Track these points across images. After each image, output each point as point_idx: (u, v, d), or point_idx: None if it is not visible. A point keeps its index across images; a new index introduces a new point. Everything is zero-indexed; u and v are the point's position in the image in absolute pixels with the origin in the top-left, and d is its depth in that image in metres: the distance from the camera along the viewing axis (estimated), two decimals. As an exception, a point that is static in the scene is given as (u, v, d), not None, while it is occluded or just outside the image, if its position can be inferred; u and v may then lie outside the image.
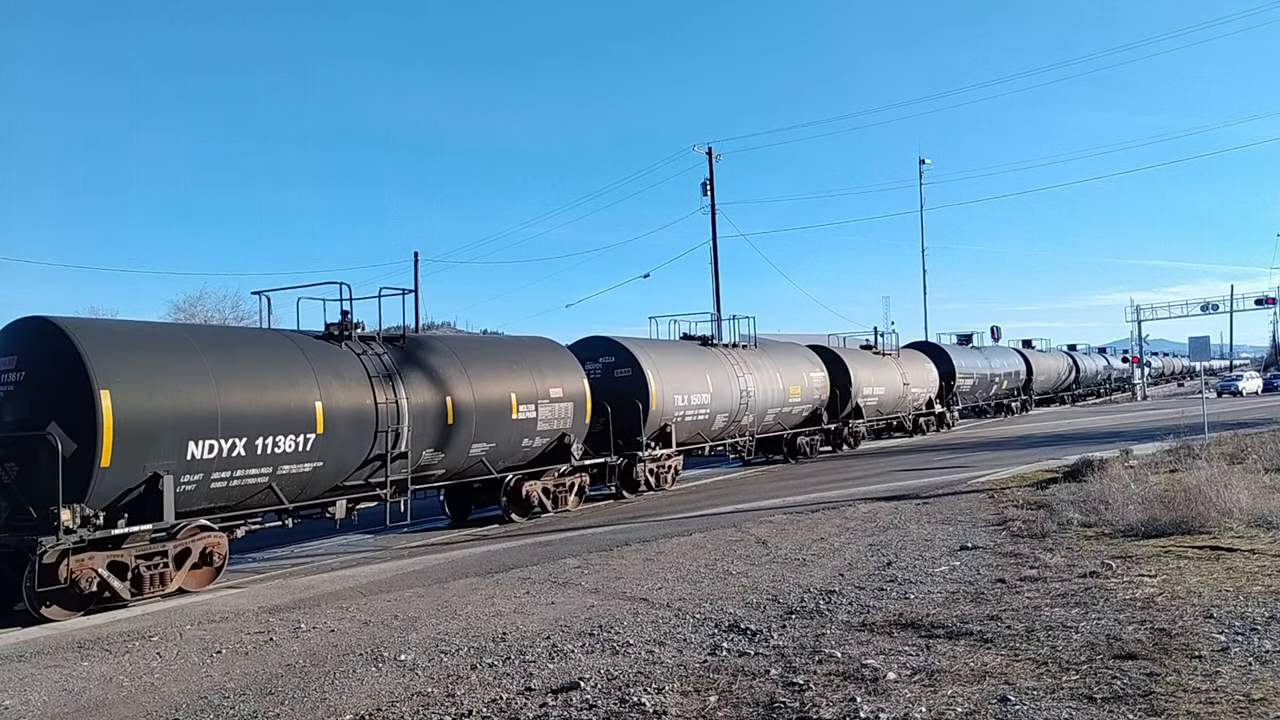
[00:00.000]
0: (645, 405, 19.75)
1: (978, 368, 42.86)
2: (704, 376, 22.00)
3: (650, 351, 20.79)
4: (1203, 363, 29.11)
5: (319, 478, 12.96)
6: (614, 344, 20.58)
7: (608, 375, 20.03)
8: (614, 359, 20.28)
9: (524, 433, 16.60)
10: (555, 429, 17.30)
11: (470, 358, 16.16)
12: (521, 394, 16.53)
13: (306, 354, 13.17)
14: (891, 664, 6.54)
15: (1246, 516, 11.45)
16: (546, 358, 17.95)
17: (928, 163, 60.70)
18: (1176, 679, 5.89)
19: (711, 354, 23.38)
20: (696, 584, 9.85)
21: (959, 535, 11.97)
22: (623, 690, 6.36)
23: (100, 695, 7.17)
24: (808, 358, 28.22)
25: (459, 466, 15.66)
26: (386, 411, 13.74)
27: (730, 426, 23.34)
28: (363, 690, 6.82)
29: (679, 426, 20.95)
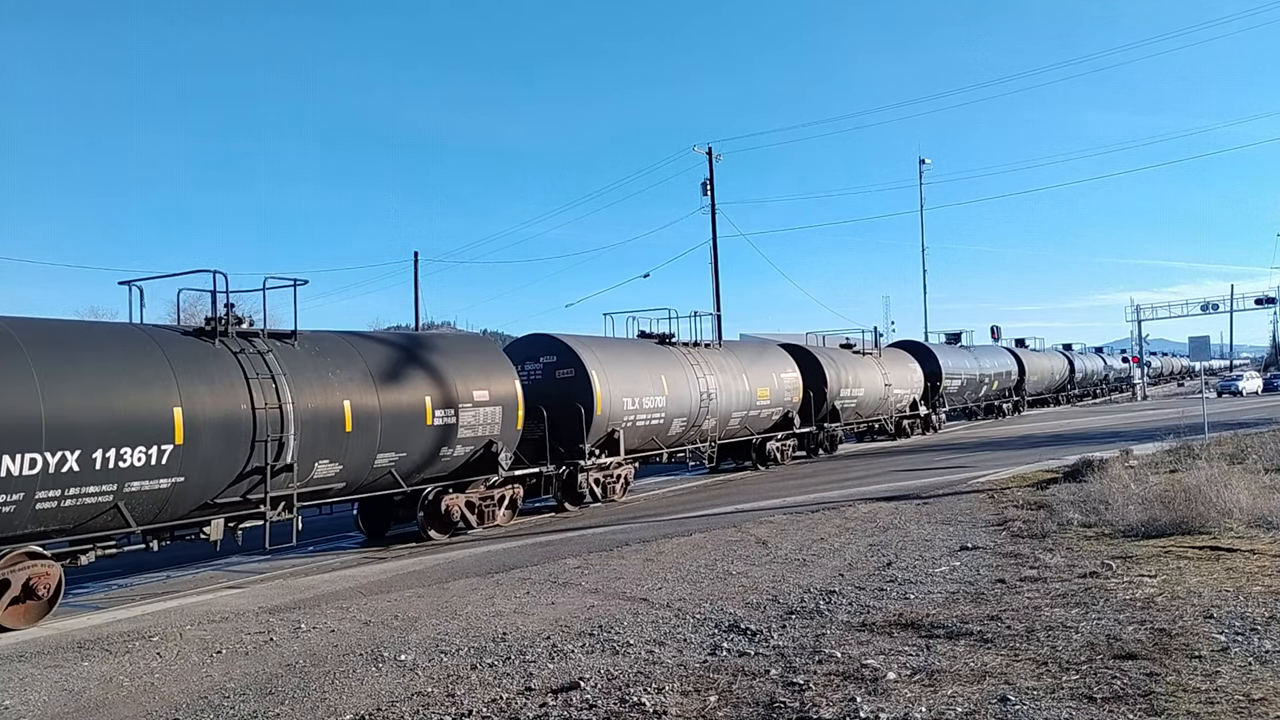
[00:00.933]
0: (589, 409, 18.04)
1: (966, 368, 41.39)
2: (659, 377, 20.34)
3: (597, 350, 19.16)
4: (1203, 362, 29.09)
5: (182, 495, 11.35)
6: (556, 342, 18.94)
7: (549, 376, 18.47)
8: (556, 358, 18.63)
9: (442, 441, 14.87)
10: (480, 436, 15.58)
11: (378, 357, 14.43)
12: (439, 398, 14.80)
13: (167, 353, 11.47)
14: (891, 664, 6.54)
15: (1246, 516, 11.45)
16: (471, 357, 16.23)
17: (928, 163, 60.72)
18: (1176, 679, 5.89)
19: (669, 353, 21.65)
20: (696, 584, 9.85)
21: (959, 535, 11.97)
22: (623, 690, 6.36)
23: (100, 695, 7.17)
24: (779, 358, 26.51)
25: (363, 479, 13.84)
26: (267, 418, 12.09)
27: (690, 431, 21.70)
28: (363, 690, 6.82)
29: (629, 432, 19.30)
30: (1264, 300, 72.77)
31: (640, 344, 21.97)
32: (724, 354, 23.87)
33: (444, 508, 15.22)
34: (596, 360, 18.66)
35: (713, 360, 22.91)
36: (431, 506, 15.13)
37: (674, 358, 21.56)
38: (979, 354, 44.42)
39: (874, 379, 31.91)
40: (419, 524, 15.11)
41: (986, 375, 43.72)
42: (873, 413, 32.56)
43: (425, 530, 15.08)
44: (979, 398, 43.82)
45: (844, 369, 29.78)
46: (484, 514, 16.01)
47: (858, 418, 31.66)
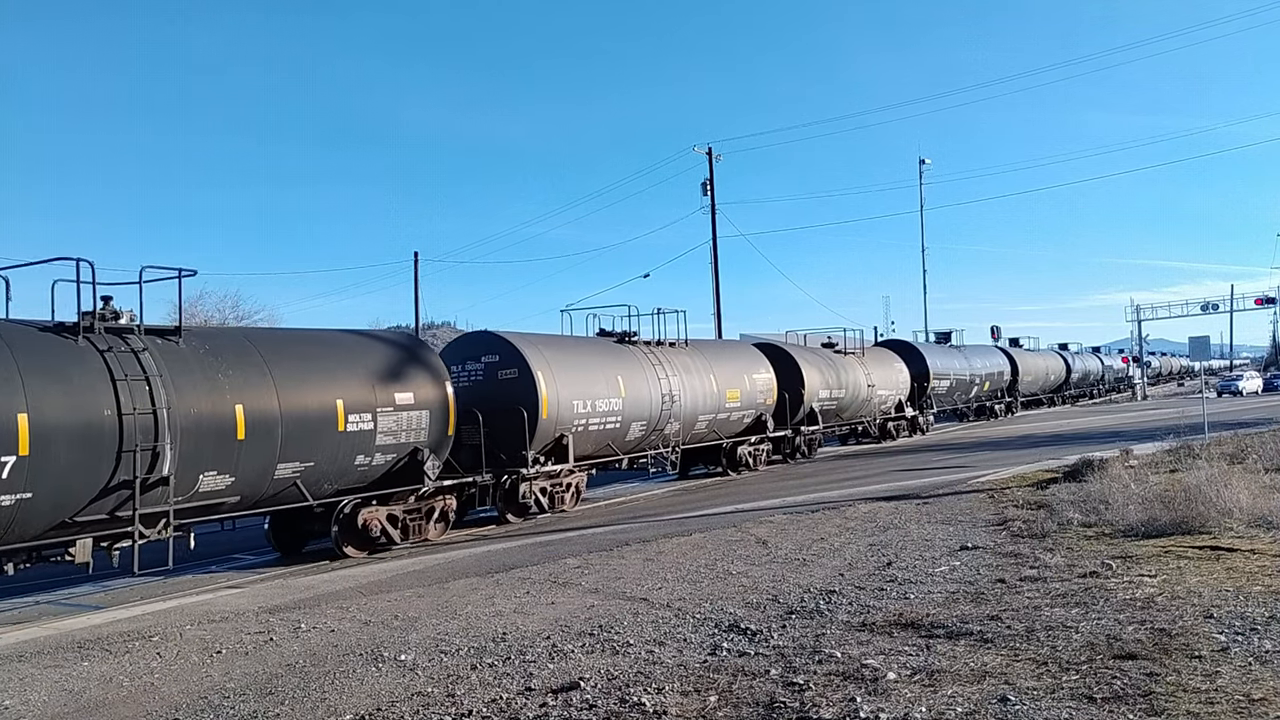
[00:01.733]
0: (533, 412, 16.64)
1: (955, 368, 39.89)
2: (614, 379, 18.84)
3: (544, 349, 17.74)
4: (1203, 362, 29.07)
5: (30, 513, 9.99)
6: (498, 340, 17.57)
7: (490, 377, 17.14)
8: (498, 358, 17.24)
9: (357, 448, 13.36)
10: (404, 443, 14.07)
11: (280, 356, 12.91)
12: (353, 401, 13.30)
13: (14, 351, 10.18)
14: (891, 664, 6.54)
15: (1246, 516, 11.46)
16: (394, 356, 14.65)
17: (928, 163, 60.71)
18: (1176, 679, 5.89)
19: (627, 353, 20.19)
20: (696, 584, 9.85)
21: (959, 535, 11.98)
22: (623, 690, 6.36)
23: (100, 695, 7.17)
24: (751, 357, 25.12)
25: (261, 492, 12.38)
26: (136, 425, 10.73)
27: (651, 436, 20.16)
28: (363, 690, 6.82)
29: (579, 437, 17.80)
30: (1264, 300, 72.76)
31: (596, 342, 20.56)
32: (690, 353, 22.45)
33: (361, 522, 13.72)
34: (543, 359, 17.33)
35: (677, 360, 21.50)
36: (348, 521, 13.60)
37: (633, 357, 20.15)
38: (969, 354, 43.11)
39: (856, 380, 30.48)
40: (333, 540, 13.58)
41: (977, 376, 42.39)
42: (855, 415, 31.20)
43: (340, 547, 13.58)
44: (969, 399, 42.57)
45: (823, 369, 28.46)
46: (410, 528, 14.50)
47: (838, 420, 30.27)
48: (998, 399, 45.99)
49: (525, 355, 17.07)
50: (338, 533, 13.56)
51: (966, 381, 41.04)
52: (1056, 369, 56.57)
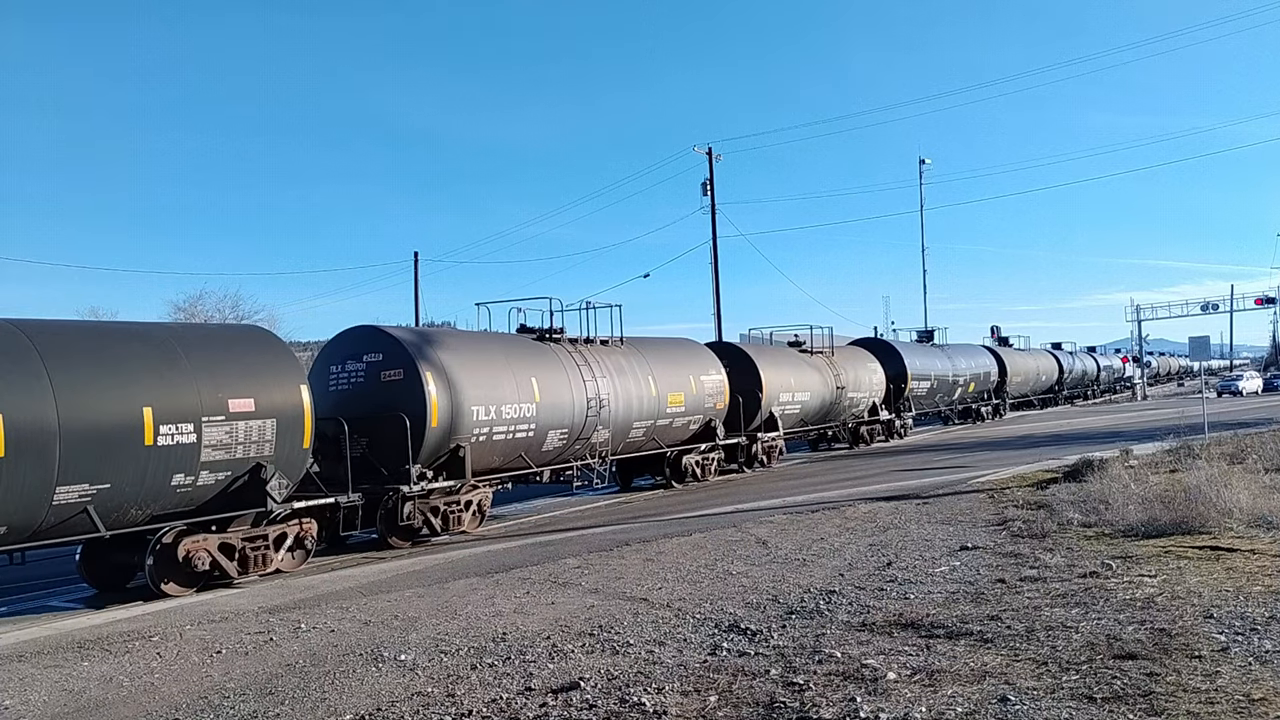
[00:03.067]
0: (419, 420, 14.44)
1: (936, 368, 37.64)
2: (527, 381, 16.67)
3: (438, 347, 15.62)
4: (1202, 362, 29.06)
5: None
6: (382, 336, 15.32)
7: (372, 379, 14.93)
8: (381, 356, 14.98)
9: (174, 466, 11.14)
10: (241, 458, 11.79)
11: (64, 353, 10.70)
12: (167, 408, 11.12)
13: None
14: (891, 664, 6.55)
15: (1246, 516, 11.46)
16: (230, 354, 12.30)
17: (928, 163, 60.56)
18: (1176, 679, 5.89)
19: (547, 353, 17.95)
20: (696, 584, 9.85)
21: (959, 535, 11.98)
22: (623, 690, 6.36)
23: (100, 695, 7.17)
24: (699, 357, 22.98)
25: (36, 523, 10.24)
26: None
27: (575, 446, 17.94)
28: (363, 690, 6.82)
29: (481, 448, 15.62)
30: (1264, 300, 72.81)
31: (507, 340, 18.15)
32: (626, 353, 20.20)
33: (184, 553, 11.37)
34: (435, 359, 15.13)
35: (608, 360, 19.28)
36: (166, 552, 11.29)
37: (553, 357, 17.91)
38: (953, 353, 40.92)
39: (823, 381, 28.26)
40: (148, 575, 11.27)
41: (961, 376, 40.08)
42: (822, 419, 29.01)
43: (156, 583, 11.25)
44: (952, 400, 40.42)
45: (785, 370, 26.39)
46: (251, 559, 12.12)
47: (802, 425, 28.08)
48: (984, 401, 44.04)
49: (412, 354, 14.86)
50: (153, 567, 11.23)
51: (949, 382, 38.91)
52: (1048, 369, 54.67)
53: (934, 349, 39.84)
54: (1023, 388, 49.73)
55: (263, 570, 12.30)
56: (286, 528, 12.61)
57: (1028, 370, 50.17)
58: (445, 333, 17.24)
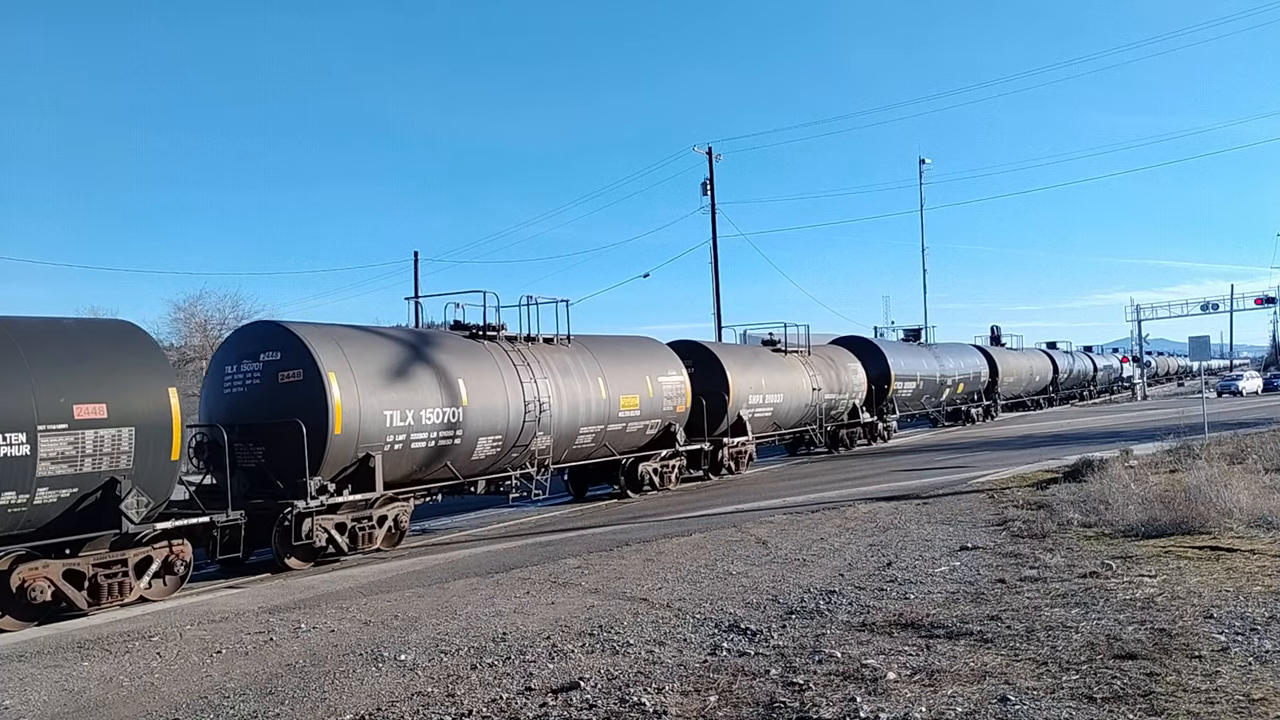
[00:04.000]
0: (319, 426, 12.84)
1: (923, 368, 35.92)
2: (454, 383, 15.15)
3: (345, 345, 13.91)
4: (1202, 362, 29.05)
5: None
6: (282, 333, 13.60)
7: (269, 381, 13.31)
8: (279, 355, 13.37)
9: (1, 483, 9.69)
10: (90, 473, 10.36)
11: None
12: None
13: None
14: (891, 664, 6.55)
15: (1246, 516, 11.46)
16: (75, 353, 10.71)
17: (928, 162, 60.38)
18: (1176, 679, 5.90)
19: (479, 351, 16.36)
20: (696, 584, 9.85)
21: (959, 535, 11.98)
22: (623, 690, 6.36)
23: (100, 695, 7.17)
24: (658, 357, 21.27)
25: None
26: None
27: (511, 453, 16.40)
28: (363, 690, 6.83)
29: (395, 457, 14.05)
30: (1264, 300, 72.83)
31: (432, 337, 16.50)
32: (573, 352, 18.63)
33: (18, 583, 10.02)
34: (340, 358, 13.50)
35: (552, 360, 17.77)
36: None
37: (486, 356, 16.31)
38: (941, 353, 39.26)
39: (798, 382, 26.70)
40: None
41: (949, 377, 38.34)
42: (797, 422, 27.34)
43: None
44: (940, 402, 38.66)
45: (755, 370, 24.85)
46: (105, 587, 10.72)
47: (775, 429, 26.31)
48: (974, 402, 42.32)
49: (313, 352, 13.21)
50: None
51: (936, 383, 37.17)
52: (1042, 369, 52.90)
53: (921, 348, 38.35)
54: (1015, 388, 48.38)
55: (121, 600, 10.90)
56: (152, 551, 11.15)
57: (1020, 370, 48.67)
58: (356, 329, 15.49)
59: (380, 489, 13.72)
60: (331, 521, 13.24)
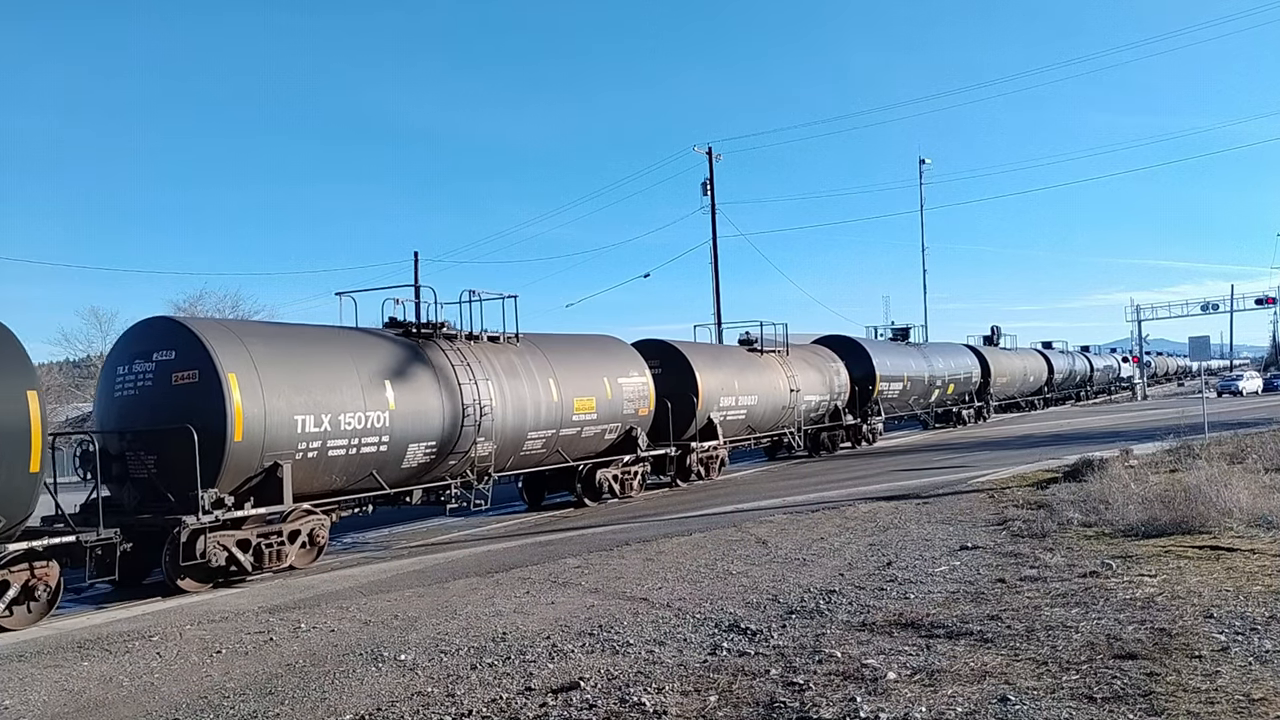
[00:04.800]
0: (216, 432, 11.68)
1: (911, 369, 34.71)
2: (379, 385, 13.88)
3: (250, 343, 12.66)
4: (1202, 362, 29.03)
5: None
6: (177, 330, 12.44)
7: (164, 383, 12.08)
8: (173, 355, 12.14)
9: None
10: None
11: None
12: None
13: None
14: (891, 664, 6.54)
15: (1246, 516, 11.46)
16: None
17: (928, 162, 60.43)
18: (1176, 679, 5.89)
19: (413, 350, 15.14)
20: (696, 584, 9.85)
21: (959, 535, 11.98)
22: (623, 690, 6.36)
23: (100, 695, 7.17)
24: (618, 357, 20.03)
25: None
26: None
27: (448, 461, 15.16)
28: (363, 690, 6.82)
29: (312, 466, 12.87)
30: (1264, 300, 72.82)
31: (354, 335, 14.89)
32: (521, 351, 17.43)
33: None
34: (243, 357, 12.30)
35: (497, 359, 16.65)
36: None
37: (418, 356, 15.08)
38: (930, 352, 38.09)
39: (774, 383, 25.50)
40: None
41: (938, 377, 37.21)
42: (774, 425, 26.18)
43: None
44: (929, 403, 37.65)
45: (727, 371, 23.64)
46: None
47: (750, 432, 25.21)
48: (965, 403, 41.22)
49: (210, 351, 11.99)
50: None
51: (924, 384, 36.01)
52: (1037, 369, 51.93)
53: (908, 348, 37.01)
54: (1009, 389, 47.39)
55: None
56: (10, 575, 9.92)
57: (1014, 371, 47.68)
58: (268, 325, 14.36)
59: (289, 502, 12.51)
60: (233, 538, 11.93)
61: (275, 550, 12.51)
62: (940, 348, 40.71)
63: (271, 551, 12.47)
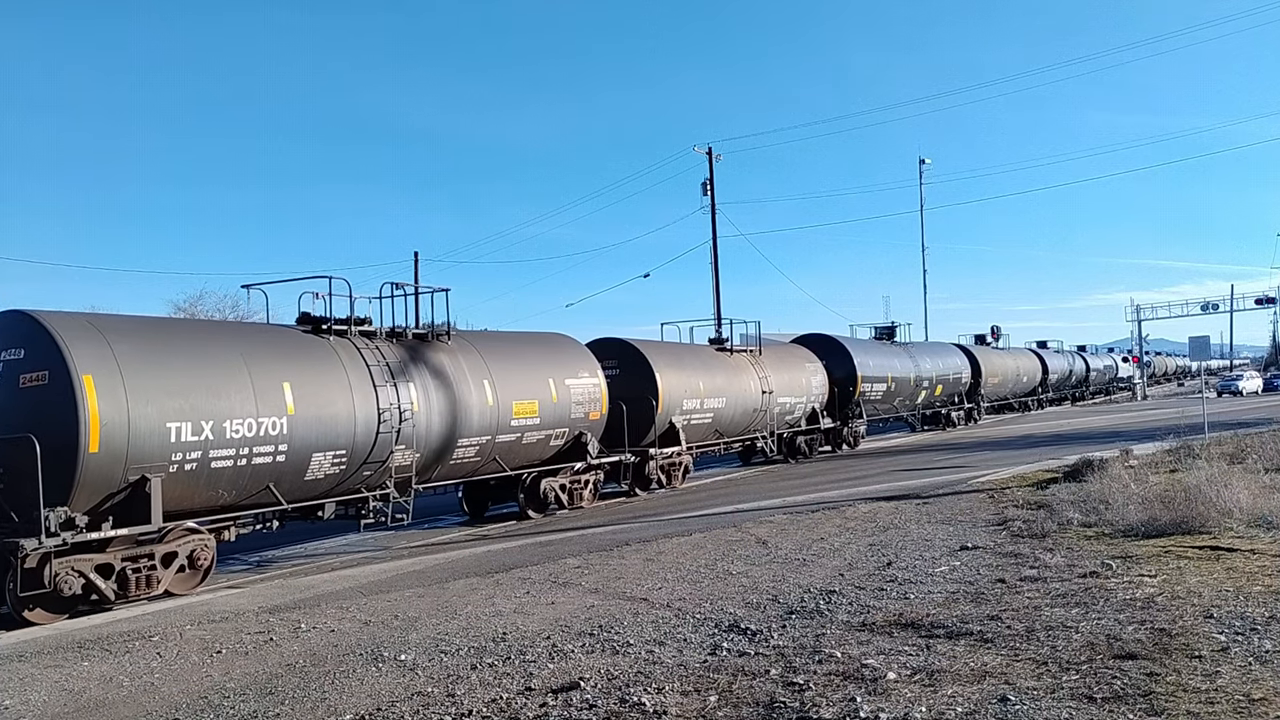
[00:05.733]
0: (69, 443, 10.25)
1: (896, 369, 33.16)
2: (276, 387, 12.36)
3: (116, 340, 11.12)
4: (1202, 362, 29.03)
5: None
6: (25, 324, 10.87)
7: (10, 386, 10.67)
8: (22, 354, 10.74)
9: None
10: None
11: None
12: None
13: None
14: (891, 664, 6.55)
15: (1246, 516, 11.46)
16: None
17: (928, 162, 60.41)
18: (1176, 679, 5.89)
19: (319, 348, 13.53)
20: (696, 584, 9.86)
21: (959, 535, 11.98)
22: (623, 690, 6.36)
23: (100, 695, 7.17)
24: (565, 357, 18.49)
25: None
26: None
27: (362, 472, 13.61)
28: (363, 690, 6.83)
29: (191, 480, 11.40)
30: (1264, 300, 72.85)
31: (248, 330, 13.91)
32: (451, 350, 15.88)
33: None
34: (104, 357, 10.80)
35: (422, 360, 15.08)
36: None
37: (327, 355, 13.51)
38: (918, 352, 36.52)
39: (745, 385, 24.04)
40: None
41: (925, 378, 35.74)
42: (745, 429, 24.63)
43: None
44: (915, 405, 36.28)
45: (692, 372, 22.10)
46: None
47: (718, 437, 23.69)
48: (954, 405, 39.82)
49: (64, 349, 10.50)
50: None
51: (911, 385, 34.54)
52: (1030, 370, 50.41)
53: (893, 347, 35.36)
54: (1001, 389, 45.90)
55: None
56: None
57: (1006, 371, 46.17)
58: (138, 320, 12.69)
59: (158, 520, 10.94)
60: (92, 563, 10.54)
61: (145, 576, 11.08)
62: (928, 347, 39.48)
63: (140, 577, 11.03)
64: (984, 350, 44.92)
